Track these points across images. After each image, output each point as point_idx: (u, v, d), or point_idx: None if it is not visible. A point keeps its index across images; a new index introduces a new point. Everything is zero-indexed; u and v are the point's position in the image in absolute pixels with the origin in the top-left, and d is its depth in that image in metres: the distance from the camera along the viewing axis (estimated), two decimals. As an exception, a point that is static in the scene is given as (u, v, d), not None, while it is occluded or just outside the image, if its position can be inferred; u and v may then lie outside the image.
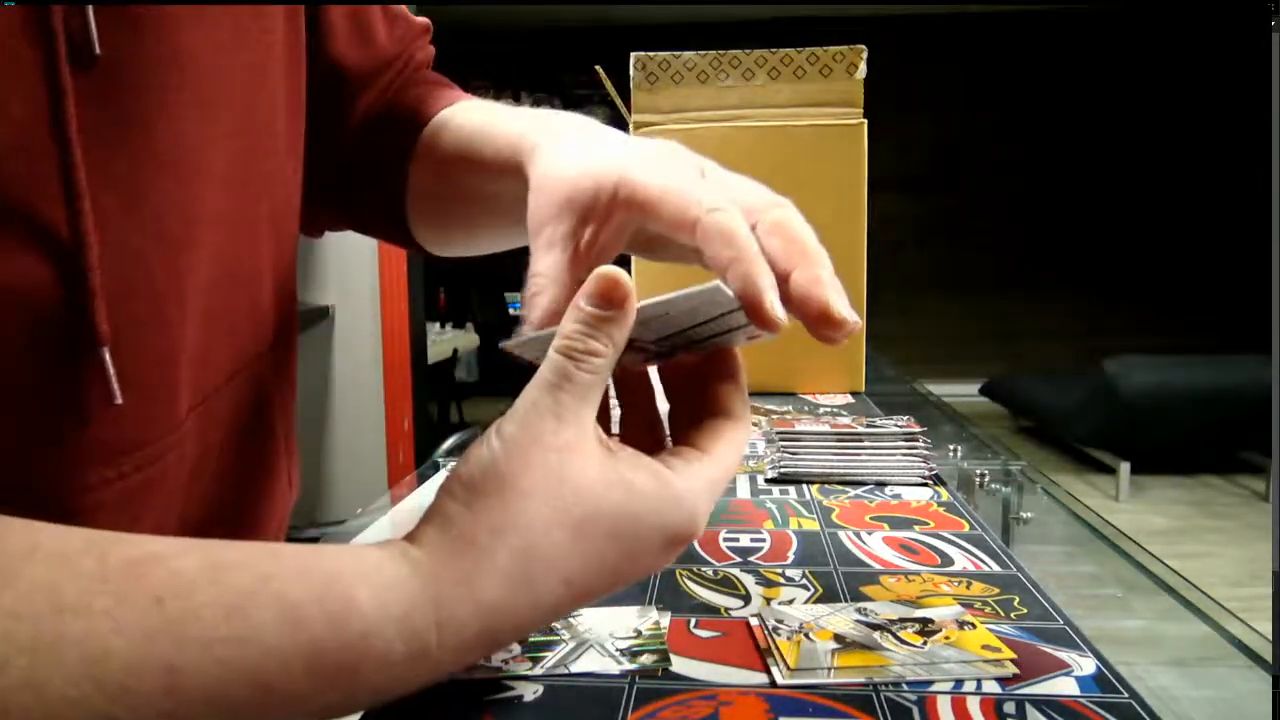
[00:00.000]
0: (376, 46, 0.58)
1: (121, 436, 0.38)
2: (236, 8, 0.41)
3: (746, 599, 0.47)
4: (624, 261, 0.40)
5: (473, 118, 0.54)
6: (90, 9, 0.33)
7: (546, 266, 0.39)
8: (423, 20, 0.62)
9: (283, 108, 0.47)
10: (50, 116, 0.32)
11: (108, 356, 0.35)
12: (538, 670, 0.39)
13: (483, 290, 5.78)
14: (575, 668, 0.39)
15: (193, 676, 0.26)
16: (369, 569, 0.31)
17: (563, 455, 0.32)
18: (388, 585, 0.30)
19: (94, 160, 0.34)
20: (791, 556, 0.53)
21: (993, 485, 0.72)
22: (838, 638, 0.41)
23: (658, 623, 0.44)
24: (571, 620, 0.44)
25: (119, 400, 0.36)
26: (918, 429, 0.71)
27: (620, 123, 0.86)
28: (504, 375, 0.51)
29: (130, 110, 0.35)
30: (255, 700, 0.27)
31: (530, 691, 0.37)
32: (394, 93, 0.59)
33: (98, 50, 0.33)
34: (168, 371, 0.40)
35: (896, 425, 0.72)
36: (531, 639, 0.41)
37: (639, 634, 0.42)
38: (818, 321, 0.36)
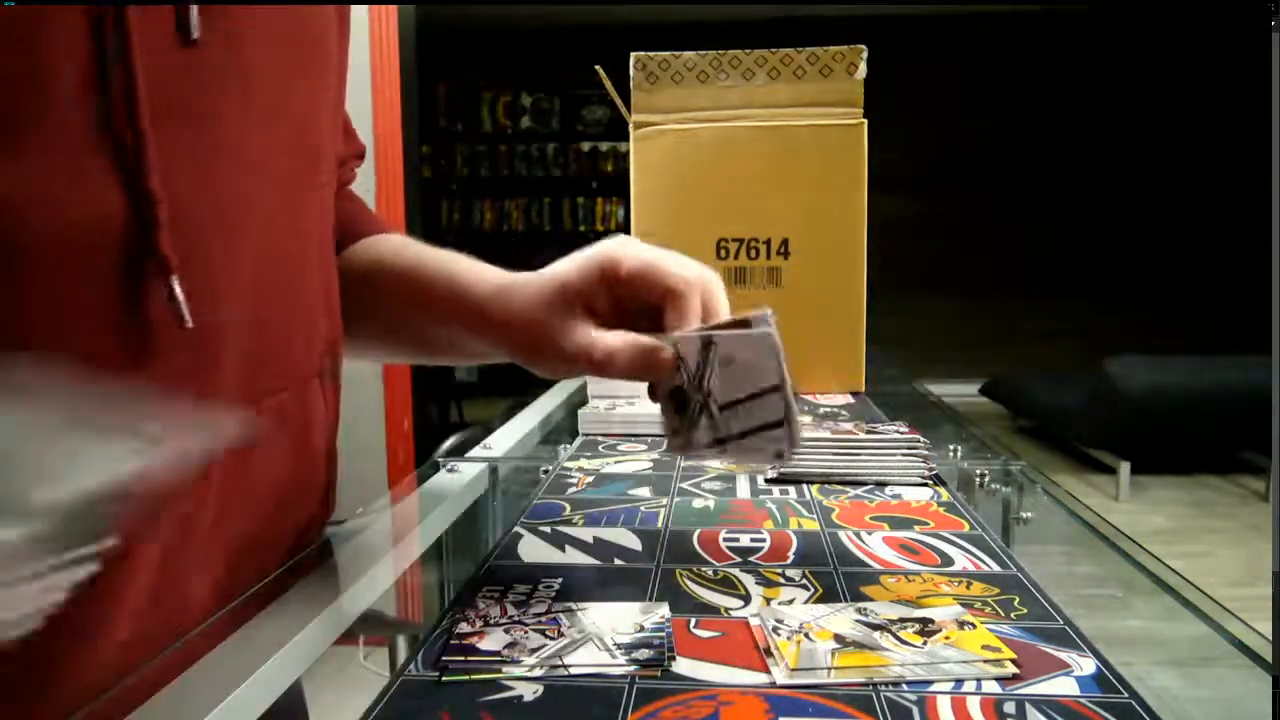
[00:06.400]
0: (346, 147, 0.64)
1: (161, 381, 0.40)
2: (300, 44, 0.48)
3: (746, 599, 0.47)
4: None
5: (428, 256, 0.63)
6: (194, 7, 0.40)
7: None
8: (363, 143, 0.68)
9: (328, 149, 0.53)
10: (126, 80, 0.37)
11: (177, 284, 0.38)
12: (533, 660, 0.39)
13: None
14: (571, 659, 0.39)
15: None
16: None
17: None
18: None
19: (169, 136, 0.39)
20: (791, 556, 0.53)
21: (993, 485, 0.71)
22: (838, 638, 0.41)
23: (664, 617, 0.44)
24: (577, 613, 0.44)
25: (189, 323, 0.39)
26: (918, 436, 0.71)
27: (620, 123, 0.85)
28: (504, 375, 0.52)
29: (207, 103, 0.41)
30: None
31: (530, 691, 0.37)
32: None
33: (195, 34, 0.40)
34: (212, 343, 0.42)
35: (899, 432, 0.72)
36: (532, 628, 0.41)
37: (642, 629, 0.42)
38: None
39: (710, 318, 0.48)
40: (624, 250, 0.50)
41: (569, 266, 0.51)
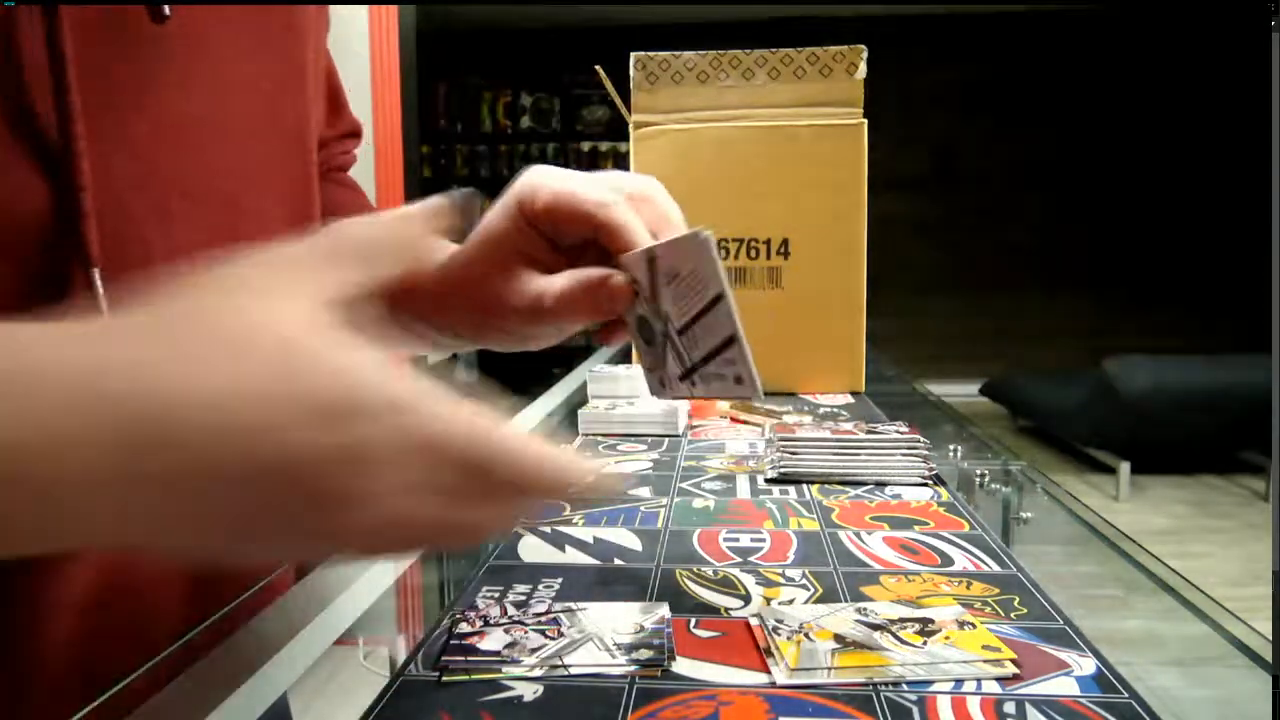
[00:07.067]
0: (331, 127, 0.62)
1: None
2: (265, 21, 0.46)
3: (746, 599, 0.47)
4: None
5: None
6: None
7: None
8: (358, 121, 0.65)
9: (307, 132, 0.51)
10: (51, 56, 0.35)
11: (98, 276, 0.36)
12: (533, 660, 0.39)
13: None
14: (571, 659, 0.39)
15: None
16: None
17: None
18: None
19: (106, 122, 0.37)
20: (791, 556, 0.53)
21: (993, 485, 0.71)
22: (838, 638, 0.41)
23: (664, 617, 0.44)
24: (577, 613, 0.44)
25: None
26: (918, 436, 0.71)
27: (620, 123, 0.85)
28: (504, 375, 0.51)
29: (147, 79, 0.39)
30: None
31: (530, 691, 0.37)
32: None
33: (168, 11, 0.38)
34: None
35: (898, 433, 0.72)
36: (532, 628, 0.41)
37: (642, 629, 0.42)
38: None
39: (662, 227, 0.43)
40: (540, 182, 0.43)
41: (492, 215, 0.44)
